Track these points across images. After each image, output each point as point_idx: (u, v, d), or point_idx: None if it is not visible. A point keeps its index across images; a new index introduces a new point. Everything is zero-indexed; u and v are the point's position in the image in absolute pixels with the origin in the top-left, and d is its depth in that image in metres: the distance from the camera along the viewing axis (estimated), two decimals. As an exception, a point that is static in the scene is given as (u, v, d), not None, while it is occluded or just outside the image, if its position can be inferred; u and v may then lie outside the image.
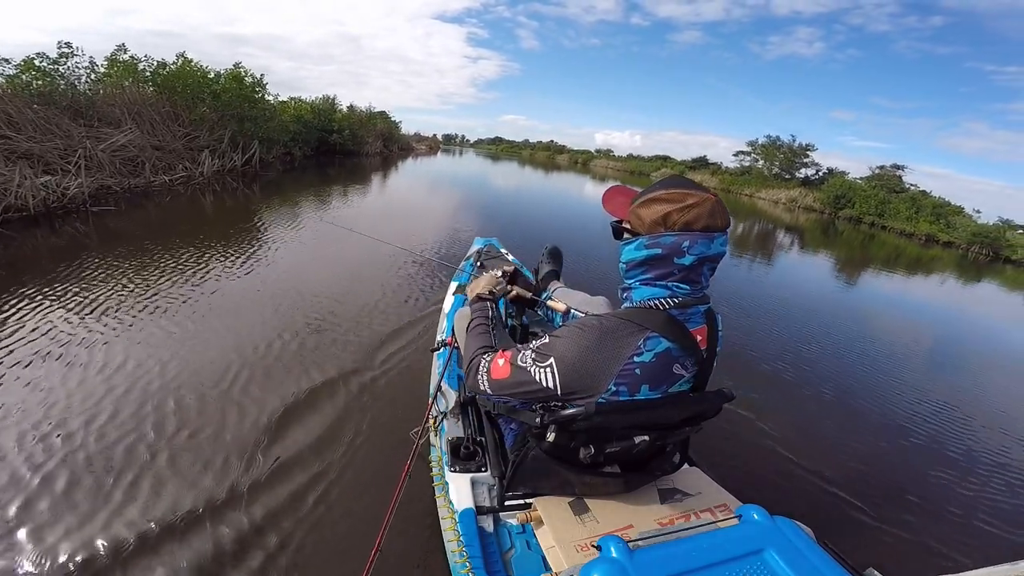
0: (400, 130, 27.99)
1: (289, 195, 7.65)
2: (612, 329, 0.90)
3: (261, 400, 2.16)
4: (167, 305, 2.95)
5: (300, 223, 5.60)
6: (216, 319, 2.85)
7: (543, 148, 72.03)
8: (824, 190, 24.75)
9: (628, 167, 44.58)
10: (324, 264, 4.19)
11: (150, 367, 2.28)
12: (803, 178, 29.71)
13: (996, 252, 16.97)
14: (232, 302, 3.13)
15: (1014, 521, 2.18)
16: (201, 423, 1.97)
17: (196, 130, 8.36)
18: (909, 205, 21.18)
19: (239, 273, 3.66)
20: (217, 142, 8.69)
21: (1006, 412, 3.53)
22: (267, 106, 11.00)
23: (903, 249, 15.20)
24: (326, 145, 17.12)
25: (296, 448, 1.89)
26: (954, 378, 4.28)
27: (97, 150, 5.93)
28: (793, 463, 2.33)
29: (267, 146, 11.05)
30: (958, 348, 5.43)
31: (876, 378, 3.73)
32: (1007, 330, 6.79)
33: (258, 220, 5.59)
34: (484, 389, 1.02)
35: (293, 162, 12.73)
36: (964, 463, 2.64)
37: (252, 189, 7.86)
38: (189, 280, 3.38)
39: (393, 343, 2.82)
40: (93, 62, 7.38)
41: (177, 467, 1.74)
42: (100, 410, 1.96)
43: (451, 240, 5.64)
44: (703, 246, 0.88)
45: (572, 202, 14.23)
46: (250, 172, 9.45)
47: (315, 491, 1.70)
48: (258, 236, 4.86)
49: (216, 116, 8.93)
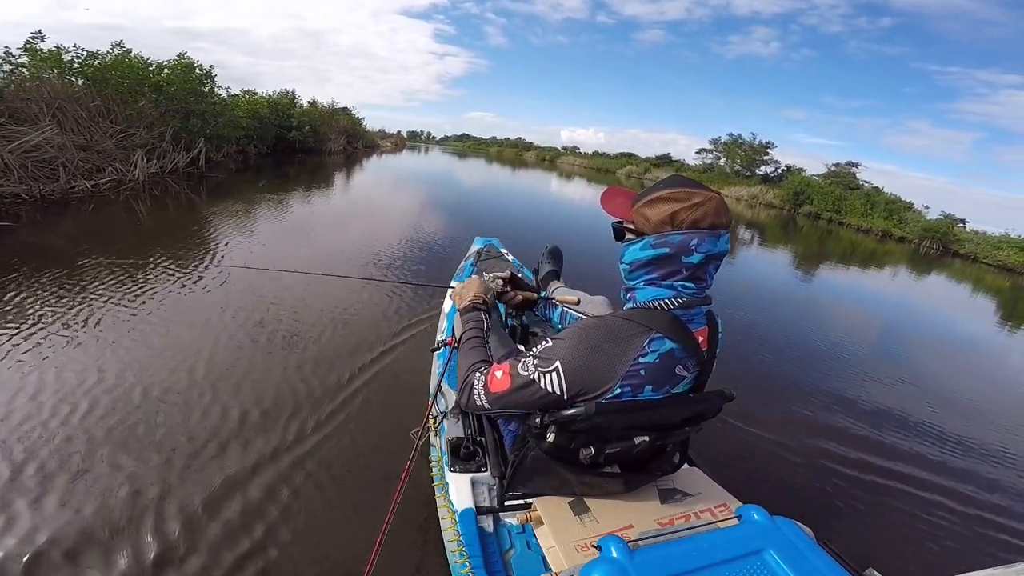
0: (364, 127, 27.01)
1: (233, 204, 6.50)
2: (617, 329, 0.90)
3: (257, 405, 2.13)
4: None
5: (212, 261, 4.06)
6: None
7: (511, 145, 71.90)
8: (784, 187, 25.53)
9: (594, 164, 44.92)
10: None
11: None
12: (763, 175, 30.63)
13: (945, 246, 17.85)
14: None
15: (1016, 522, 2.18)
16: (195, 425, 1.96)
17: (132, 127, 7.44)
18: (864, 201, 22.05)
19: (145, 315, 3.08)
20: (157, 140, 7.78)
21: (1010, 412, 3.56)
22: (216, 100, 10.05)
23: (864, 245, 15.81)
24: (285, 142, 16.16)
25: (296, 447, 1.89)
26: (955, 377, 4.28)
27: (4, 151, 5.09)
28: (793, 463, 2.33)
29: (216, 144, 10.15)
30: (955, 346, 5.48)
31: (876, 377, 3.72)
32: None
33: (190, 243, 4.45)
34: (481, 405, 0.99)
35: (247, 161, 11.78)
36: (966, 464, 2.63)
37: (198, 193, 7.05)
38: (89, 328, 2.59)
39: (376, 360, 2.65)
40: (8, 52, 6.42)
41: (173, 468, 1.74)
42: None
43: (429, 254, 5.10)
44: (710, 244, 0.88)
45: (549, 199, 14.11)
46: (196, 173, 8.53)
47: (315, 490, 1.70)
48: (177, 273, 3.56)
49: (157, 111, 8.01)
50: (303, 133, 16.53)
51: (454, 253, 4.79)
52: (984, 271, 14.77)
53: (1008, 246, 16.37)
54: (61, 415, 1.89)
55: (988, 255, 16.45)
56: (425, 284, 3.72)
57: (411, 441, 1.23)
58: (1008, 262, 15.65)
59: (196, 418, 1.98)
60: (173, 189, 7.02)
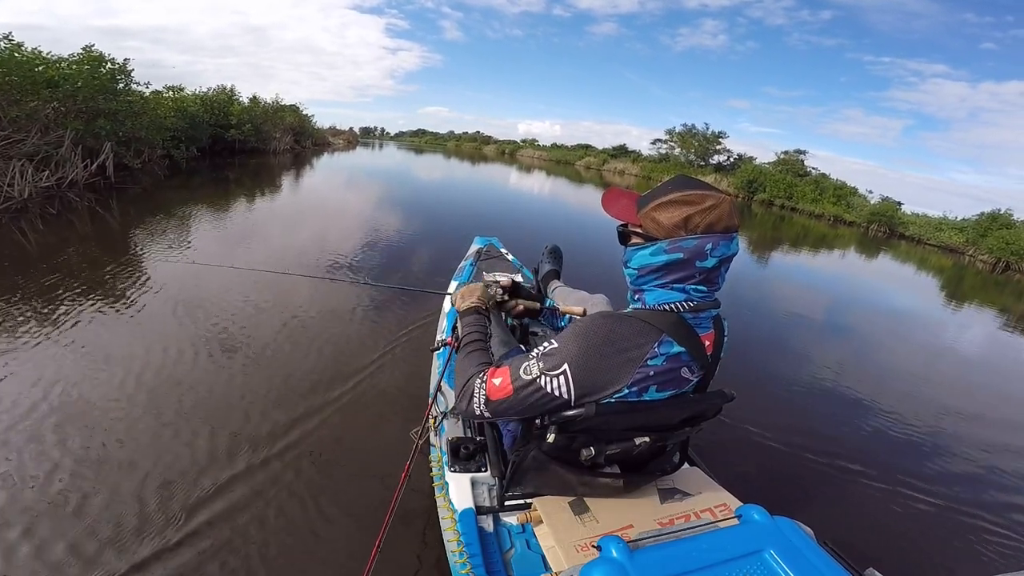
0: (314, 124, 25.48)
1: (142, 223, 5.41)
2: (626, 330, 0.87)
3: (254, 411, 2.15)
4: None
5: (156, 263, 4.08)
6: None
7: (469, 139, 70.72)
8: (737, 175, 26.12)
9: (554, 156, 44.76)
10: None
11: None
12: (716, 164, 31.35)
13: (891, 229, 18.77)
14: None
15: (1017, 523, 2.15)
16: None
17: (20, 132, 6.23)
18: (813, 188, 22.88)
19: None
20: (53, 147, 6.57)
21: (1015, 413, 3.50)
22: (132, 98, 8.73)
23: (819, 230, 16.45)
24: (223, 143, 14.79)
25: (295, 448, 1.90)
26: (956, 377, 4.19)
27: None
28: (793, 463, 2.32)
29: (135, 149, 8.95)
30: (958, 342, 5.40)
31: (877, 377, 3.64)
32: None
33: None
34: (480, 414, 0.94)
35: (175, 167, 10.53)
36: (967, 465, 2.58)
37: (108, 208, 5.98)
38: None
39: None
40: None
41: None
42: None
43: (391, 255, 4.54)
44: (724, 247, 0.86)
45: (520, 194, 13.89)
46: (103, 184, 7.29)
47: (315, 491, 1.70)
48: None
49: (54, 113, 6.80)
50: (243, 132, 15.21)
51: (444, 255, 4.76)
52: (928, 252, 15.68)
53: (948, 228, 17.40)
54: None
55: (931, 236, 17.42)
56: (422, 291, 3.62)
57: (411, 441, 1.22)
58: (950, 243, 16.62)
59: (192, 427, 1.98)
60: (76, 205, 5.91)
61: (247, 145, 15.86)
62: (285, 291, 3.44)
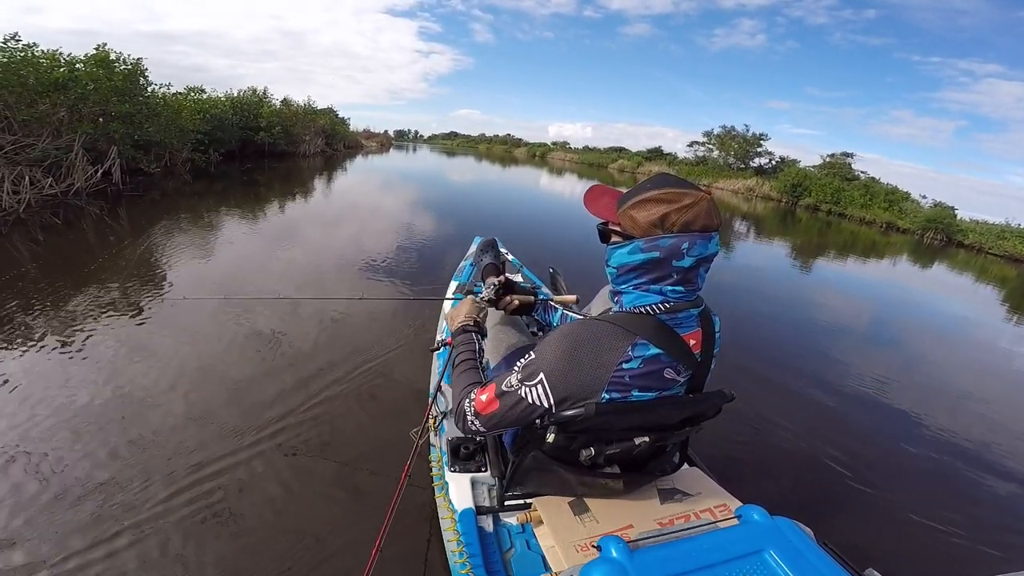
0: (348, 127, 25.81)
1: (154, 232, 5.04)
2: (599, 335, 0.88)
3: (250, 409, 2.13)
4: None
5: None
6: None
7: (500, 142, 70.90)
8: (780, 179, 24.84)
9: (586, 159, 43.89)
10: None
11: None
12: (757, 167, 29.87)
13: (949, 237, 17.26)
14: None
15: (1018, 524, 2.14)
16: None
17: (31, 136, 6.15)
18: (863, 192, 21.47)
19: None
20: (64, 152, 6.45)
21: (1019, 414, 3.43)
22: (151, 101, 8.64)
23: (870, 237, 15.48)
24: (252, 146, 14.96)
25: (296, 450, 1.91)
26: (957, 376, 4.11)
27: None
28: (793, 463, 2.31)
29: (156, 153, 8.95)
30: (966, 345, 5.22)
31: (878, 376, 3.59)
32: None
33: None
34: (477, 429, 0.97)
35: (200, 170, 10.56)
36: (968, 465, 2.55)
37: (117, 219, 5.64)
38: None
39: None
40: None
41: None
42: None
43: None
44: (701, 247, 0.85)
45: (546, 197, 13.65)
46: (111, 191, 7.00)
47: (314, 491, 1.72)
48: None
49: (67, 116, 6.71)
50: (272, 135, 15.33)
51: (451, 257, 4.64)
52: (990, 261, 14.39)
53: (1012, 236, 15.84)
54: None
55: (993, 245, 15.92)
56: (424, 298, 3.62)
57: (411, 441, 1.22)
58: (1014, 252, 15.09)
59: (193, 426, 1.99)
60: (78, 213, 5.69)
61: (276, 148, 16.01)
62: (283, 314, 3.23)
